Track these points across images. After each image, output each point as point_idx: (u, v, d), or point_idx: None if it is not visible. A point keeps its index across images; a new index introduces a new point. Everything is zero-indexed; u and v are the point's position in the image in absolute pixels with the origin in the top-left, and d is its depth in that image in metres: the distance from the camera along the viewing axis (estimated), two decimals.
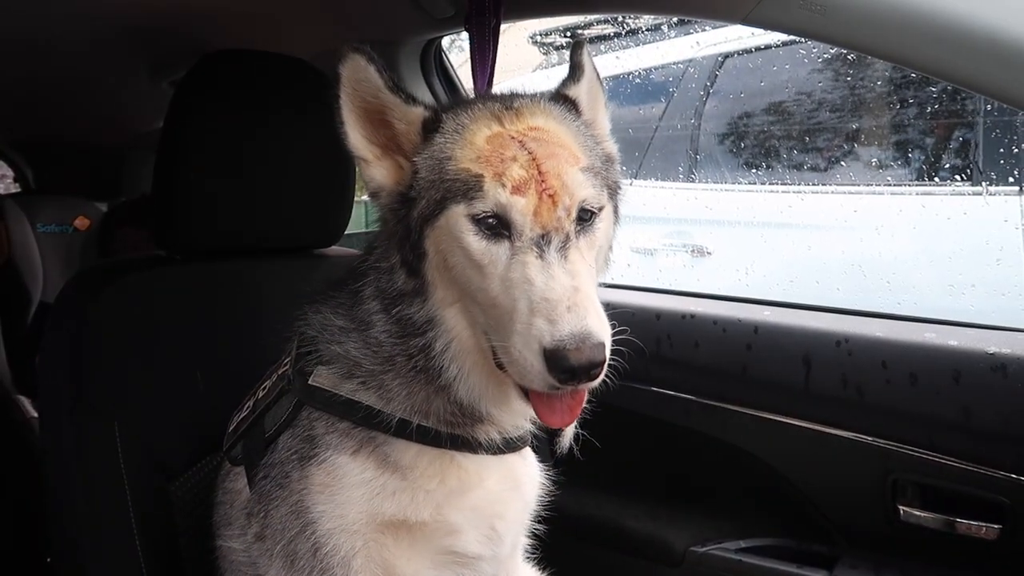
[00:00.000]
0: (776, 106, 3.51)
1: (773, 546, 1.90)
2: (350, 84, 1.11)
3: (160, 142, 1.59)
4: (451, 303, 1.11)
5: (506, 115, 1.11)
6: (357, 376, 1.17)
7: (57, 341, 1.56)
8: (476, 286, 1.06)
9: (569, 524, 2.04)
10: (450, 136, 1.11)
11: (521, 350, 0.98)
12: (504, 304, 1.02)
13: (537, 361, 0.96)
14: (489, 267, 1.04)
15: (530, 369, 0.98)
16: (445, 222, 1.07)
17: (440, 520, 1.17)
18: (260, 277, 1.70)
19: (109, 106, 3.28)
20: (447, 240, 1.07)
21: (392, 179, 1.16)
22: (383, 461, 1.16)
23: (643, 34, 3.73)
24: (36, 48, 2.48)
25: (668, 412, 2.02)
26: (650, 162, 3.71)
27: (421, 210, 1.10)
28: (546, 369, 0.96)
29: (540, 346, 0.96)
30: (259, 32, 2.21)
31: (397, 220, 1.14)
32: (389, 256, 1.16)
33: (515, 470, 1.28)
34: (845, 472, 1.77)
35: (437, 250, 1.09)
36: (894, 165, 3.21)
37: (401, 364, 1.15)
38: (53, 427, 1.53)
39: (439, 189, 1.08)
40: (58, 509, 1.50)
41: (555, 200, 1.03)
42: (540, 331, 0.96)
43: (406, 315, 1.13)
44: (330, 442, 1.16)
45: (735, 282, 2.96)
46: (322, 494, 1.14)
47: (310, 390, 1.20)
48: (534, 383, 1.00)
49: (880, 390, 1.71)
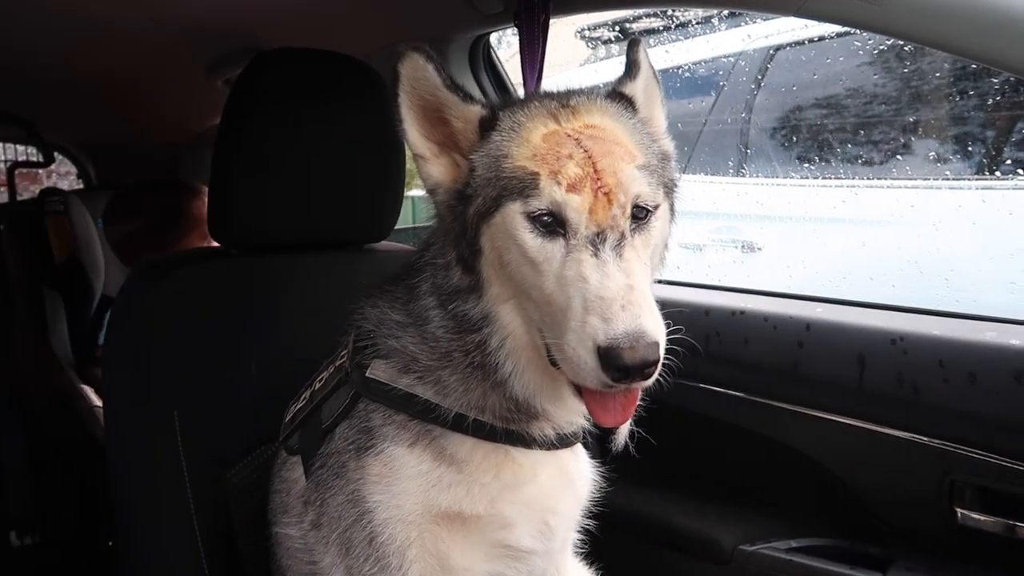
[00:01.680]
0: (829, 99, 3.44)
1: (824, 546, 1.87)
2: (408, 82, 1.12)
3: (216, 139, 1.63)
4: (506, 300, 1.12)
5: (562, 113, 1.11)
6: (414, 371, 1.18)
7: (119, 333, 1.62)
8: (531, 283, 1.06)
9: (616, 520, 2.04)
10: (507, 134, 1.12)
11: (575, 348, 0.98)
12: (558, 302, 1.02)
13: (591, 359, 0.97)
14: (544, 264, 1.04)
15: (584, 367, 0.98)
16: (501, 219, 1.08)
17: (494, 513, 1.18)
18: (312, 271, 1.73)
19: (167, 105, 3.38)
20: (502, 237, 1.08)
21: (449, 176, 1.17)
22: (439, 454, 1.17)
23: (693, 27, 3.69)
24: (99, 51, 2.57)
25: (716, 409, 2.00)
26: (699, 156, 3.67)
27: (477, 207, 1.11)
28: (600, 367, 0.96)
29: (594, 344, 0.96)
30: (312, 31, 2.25)
31: (454, 217, 1.15)
32: (445, 253, 1.17)
33: (567, 466, 1.29)
34: (900, 472, 1.73)
35: (492, 247, 1.10)
36: (953, 159, 3.12)
37: (458, 360, 1.16)
38: (116, 416, 1.59)
39: (495, 187, 1.09)
40: (120, 496, 1.55)
41: (610, 198, 1.04)
42: (594, 329, 0.96)
43: (462, 311, 1.14)
44: (387, 434, 1.18)
45: (786, 278, 2.92)
46: (378, 484, 1.16)
47: (367, 383, 1.22)
48: (587, 381, 1.00)
49: (937, 389, 1.66)
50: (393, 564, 1.15)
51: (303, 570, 1.29)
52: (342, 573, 1.20)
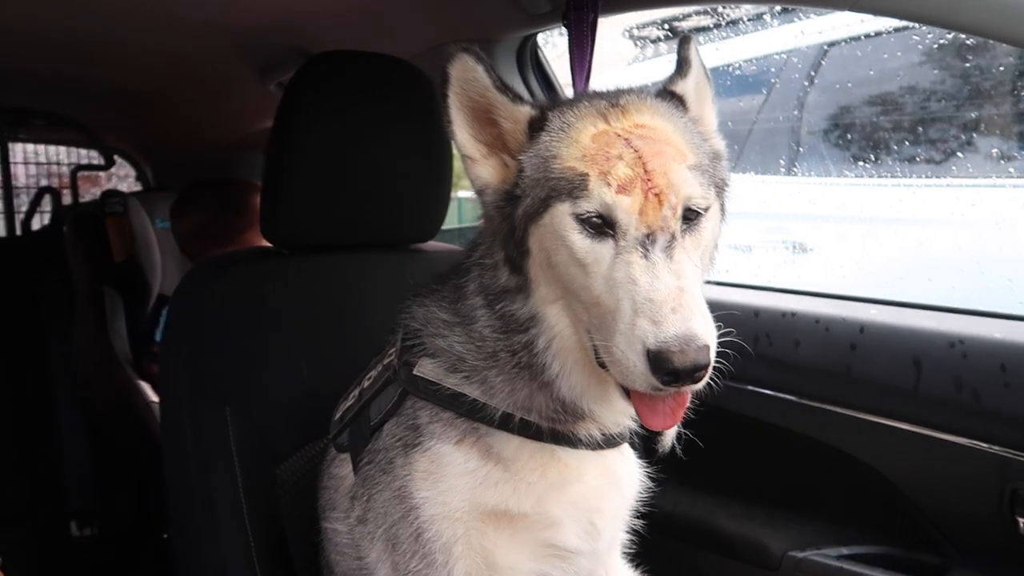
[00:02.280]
0: (885, 96, 3.35)
1: (877, 554, 1.82)
2: (458, 83, 1.13)
3: (269, 141, 1.66)
4: (553, 301, 1.11)
5: (612, 112, 1.10)
6: (461, 370, 1.19)
7: (175, 331, 1.67)
8: (579, 284, 1.05)
9: (664, 523, 2.02)
10: (556, 134, 1.11)
11: (624, 350, 0.97)
12: (607, 303, 1.01)
13: (640, 362, 0.96)
14: (593, 266, 1.03)
15: (633, 370, 0.97)
16: (550, 220, 1.07)
17: (540, 512, 1.18)
18: (361, 270, 1.76)
19: (221, 109, 3.46)
20: (551, 238, 1.07)
21: (498, 177, 1.17)
22: (486, 452, 1.18)
23: (744, 24, 3.63)
24: (155, 59, 2.64)
25: (766, 412, 1.96)
26: (749, 155, 3.61)
27: (526, 208, 1.10)
28: (649, 370, 0.95)
29: (644, 347, 0.95)
30: (361, 34, 2.28)
31: (503, 218, 1.15)
32: (493, 253, 1.17)
33: (614, 466, 1.28)
34: (958, 480, 1.68)
35: (541, 248, 1.09)
36: (1018, 156, 3.02)
37: (504, 360, 1.16)
38: (171, 411, 1.63)
39: (544, 187, 1.08)
40: (175, 489, 1.60)
41: (661, 199, 1.02)
42: (644, 332, 0.95)
43: (509, 311, 1.14)
44: (434, 431, 1.19)
45: (838, 279, 2.85)
46: (425, 481, 1.17)
47: (415, 380, 1.22)
48: (636, 384, 0.99)
49: (998, 395, 1.61)
50: (439, 560, 1.16)
51: (350, 565, 1.30)
52: (388, 568, 1.21)
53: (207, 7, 2.14)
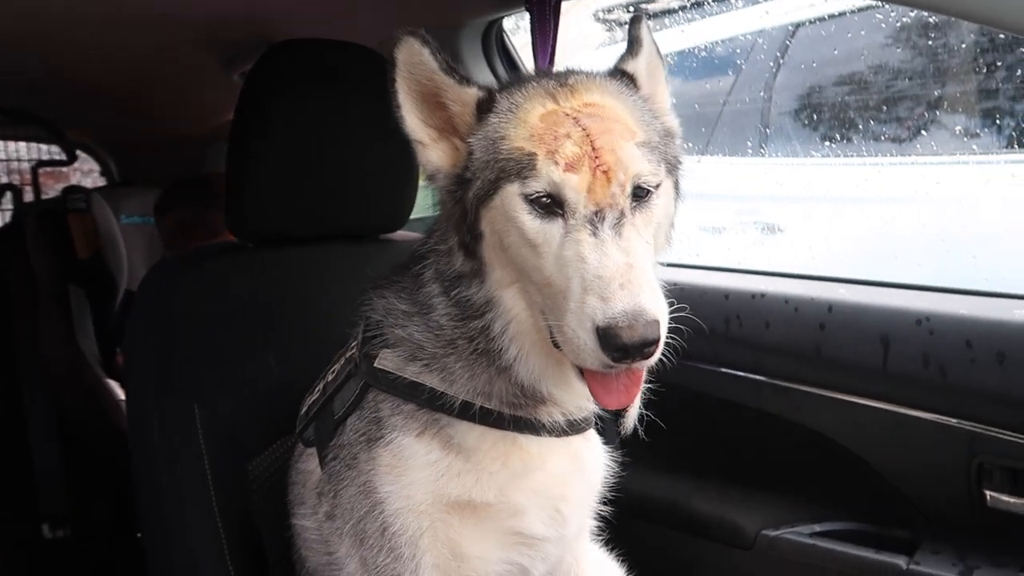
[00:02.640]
0: (851, 76, 3.37)
1: (849, 530, 1.84)
2: (405, 68, 1.12)
3: (231, 132, 1.63)
4: (508, 284, 1.11)
5: (560, 92, 1.10)
6: (420, 359, 1.18)
7: (141, 328, 1.64)
8: (531, 265, 1.05)
9: (638, 505, 2.03)
10: (504, 115, 1.11)
11: (575, 329, 0.98)
12: (558, 283, 1.01)
13: (590, 339, 0.96)
14: (543, 246, 1.03)
15: (583, 348, 0.97)
16: (500, 202, 1.07)
17: (504, 501, 1.18)
18: (329, 262, 1.74)
19: (184, 100, 3.39)
20: (502, 220, 1.07)
21: (449, 161, 1.16)
22: (447, 443, 1.17)
23: (709, 6, 3.63)
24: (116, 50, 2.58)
25: (738, 393, 1.98)
26: (718, 138, 3.62)
27: (476, 191, 1.10)
28: (599, 348, 0.95)
29: (593, 324, 0.95)
30: (325, 21, 2.25)
31: (455, 202, 1.15)
32: (447, 238, 1.17)
33: (579, 452, 1.28)
34: (927, 455, 1.70)
35: (493, 230, 1.09)
36: (981, 133, 3.05)
37: (463, 347, 1.16)
38: (138, 410, 1.61)
39: (493, 169, 1.08)
40: (145, 487, 1.58)
41: (609, 176, 1.02)
42: (593, 309, 0.95)
43: (465, 297, 1.14)
44: (395, 424, 1.18)
45: (808, 259, 2.87)
46: (389, 475, 1.17)
47: (375, 373, 1.22)
48: (588, 362, 0.99)
49: (965, 370, 1.63)
50: (406, 554, 1.16)
51: (320, 561, 1.30)
52: (357, 563, 1.21)
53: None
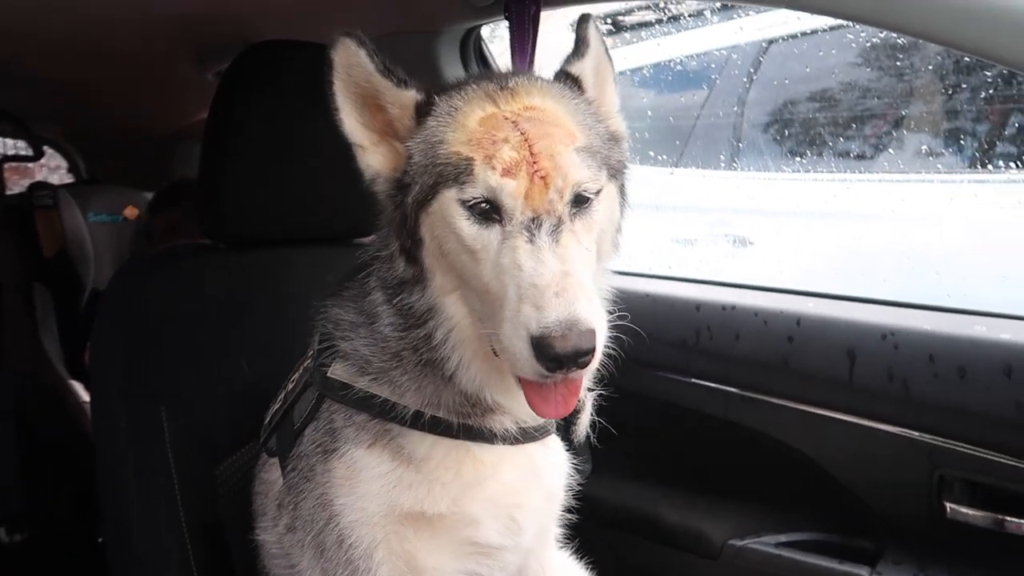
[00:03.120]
0: (822, 93, 3.43)
1: (814, 541, 1.87)
2: (343, 69, 1.09)
3: (205, 132, 1.62)
4: (450, 291, 1.09)
5: (501, 95, 1.08)
6: (369, 372, 1.16)
7: (107, 328, 1.61)
8: (470, 272, 1.04)
9: (607, 514, 2.04)
10: (442, 119, 1.09)
11: (510, 337, 0.96)
12: (495, 290, 1.00)
13: (525, 348, 0.94)
14: (481, 253, 1.02)
15: (519, 356, 0.95)
16: (438, 207, 1.05)
17: (457, 512, 1.16)
18: (302, 265, 1.72)
19: (157, 98, 3.35)
20: (441, 225, 1.05)
21: (389, 165, 1.14)
22: (398, 454, 1.15)
23: (685, 20, 3.67)
24: (88, 45, 2.54)
25: (707, 404, 2.00)
26: (691, 150, 3.66)
27: (415, 195, 1.08)
28: (534, 357, 0.93)
29: (527, 333, 0.93)
30: (301, 24, 2.24)
31: (395, 207, 1.13)
32: (389, 244, 1.15)
33: (535, 460, 1.26)
34: (890, 467, 1.74)
35: (432, 236, 1.07)
36: (945, 152, 3.12)
37: (408, 358, 1.14)
38: (104, 411, 1.58)
39: (431, 174, 1.06)
40: (109, 491, 1.55)
41: (547, 182, 1.01)
42: (527, 318, 0.94)
43: (407, 304, 1.11)
44: (348, 435, 1.17)
45: (778, 273, 2.91)
46: (343, 487, 1.15)
47: (328, 383, 1.20)
48: (524, 371, 0.97)
49: (927, 384, 1.66)
50: (362, 567, 1.14)
51: (283, 574, 1.28)
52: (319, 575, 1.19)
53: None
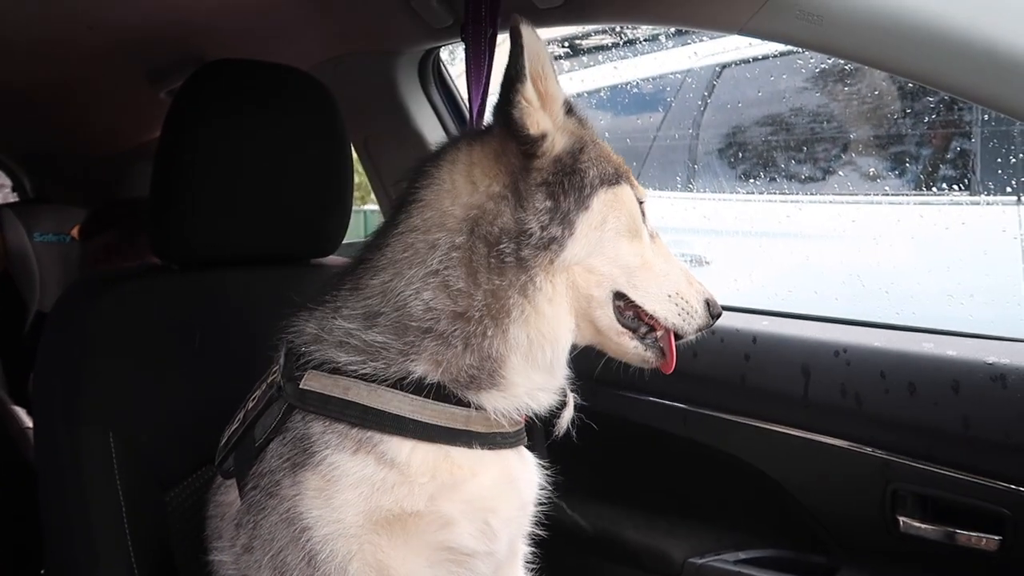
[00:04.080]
0: (773, 116, 3.52)
1: (772, 557, 1.89)
2: (528, 41, 1.19)
3: (157, 151, 1.58)
4: (577, 261, 1.23)
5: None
6: (364, 369, 1.18)
7: (52, 351, 1.56)
8: (629, 250, 1.27)
9: (567, 534, 2.03)
10: (589, 130, 1.32)
11: (689, 300, 1.30)
12: (658, 267, 1.30)
13: (701, 307, 1.32)
14: (643, 239, 1.30)
15: (694, 315, 1.30)
16: (623, 192, 1.28)
17: (433, 511, 1.16)
18: (256, 287, 1.69)
19: (108, 116, 3.29)
20: (618, 206, 1.26)
21: (555, 132, 1.26)
22: (380, 459, 1.16)
23: (640, 44, 3.74)
24: (35, 59, 2.48)
25: (666, 422, 2.01)
26: (648, 171, 3.71)
27: (601, 173, 1.26)
28: (706, 313, 1.32)
29: (704, 297, 1.33)
30: (258, 43, 2.22)
31: (564, 173, 1.24)
32: (537, 202, 1.21)
33: (511, 467, 1.28)
34: (844, 482, 1.77)
35: (601, 210, 1.24)
36: (892, 175, 3.21)
37: (444, 327, 1.18)
38: (47, 438, 1.52)
39: (610, 165, 1.28)
40: (52, 521, 1.49)
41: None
42: (700, 287, 1.34)
43: (516, 254, 1.19)
44: (329, 442, 1.16)
45: (733, 292, 2.96)
46: (317, 499, 1.13)
47: (303, 394, 1.19)
48: (691, 325, 1.31)
49: (879, 400, 1.70)
50: None
51: None
52: None
53: (91, 2, 2.03)
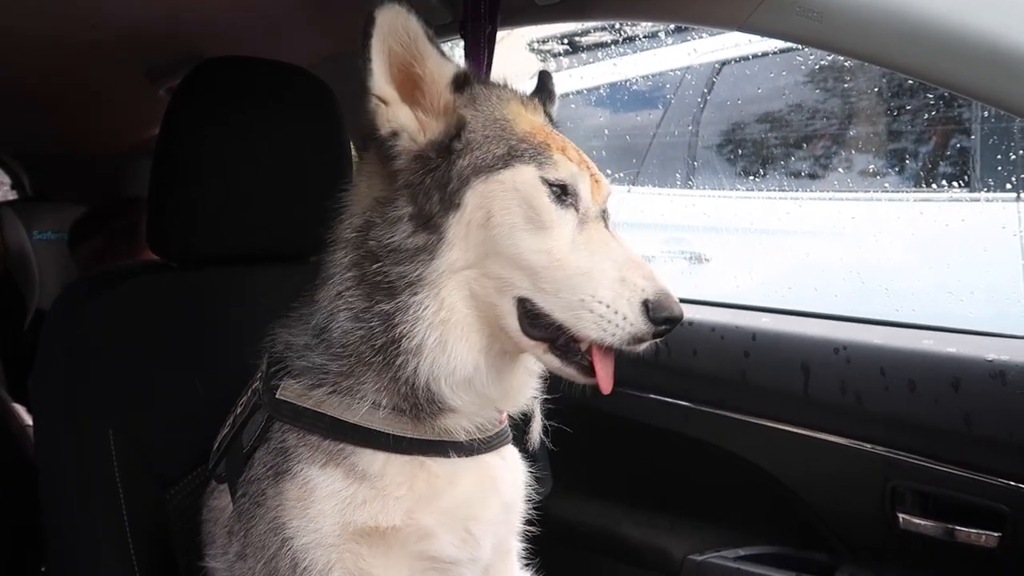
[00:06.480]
0: (773, 113, 3.52)
1: (772, 554, 1.89)
2: (386, 28, 1.09)
3: (156, 149, 1.58)
4: (461, 267, 1.09)
5: (527, 104, 1.19)
6: (324, 384, 1.15)
7: (51, 349, 1.55)
8: (530, 247, 1.08)
9: (568, 531, 2.03)
10: (496, 102, 1.16)
11: (612, 304, 1.04)
12: (576, 264, 1.07)
13: (632, 313, 1.04)
14: (556, 229, 1.08)
15: (620, 323, 1.04)
16: (510, 177, 1.09)
17: (412, 524, 1.15)
18: (256, 284, 1.69)
19: (106, 114, 3.28)
20: (506, 195, 1.09)
21: (414, 126, 1.14)
22: (351, 471, 1.14)
23: (640, 41, 3.73)
24: (35, 55, 2.48)
25: (667, 419, 2.01)
26: (648, 169, 3.71)
27: (475, 161, 1.10)
28: (644, 320, 1.04)
29: (641, 299, 1.04)
30: (257, 40, 2.21)
31: (425, 169, 1.12)
32: (395, 207, 1.12)
33: (492, 471, 1.25)
34: (844, 479, 1.77)
35: (480, 204, 1.08)
36: (891, 172, 3.22)
37: (365, 353, 1.12)
38: (47, 435, 1.52)
39: (502, 145, 1.11)
40: (53, 519, 1.49)
41: (600, 186, 1.14)
42: (640, 287, 1.05)
43: (386, 274, 1.10)
44: (301, 455, 1.15)
45: (733, 289, 2.96)
46: (296, 509, 1.13)
47: (278, 404, 1.19)
48: (617, 336, 1.05)
49: (879, 397, 1.70)
50: None
51: None
52: None
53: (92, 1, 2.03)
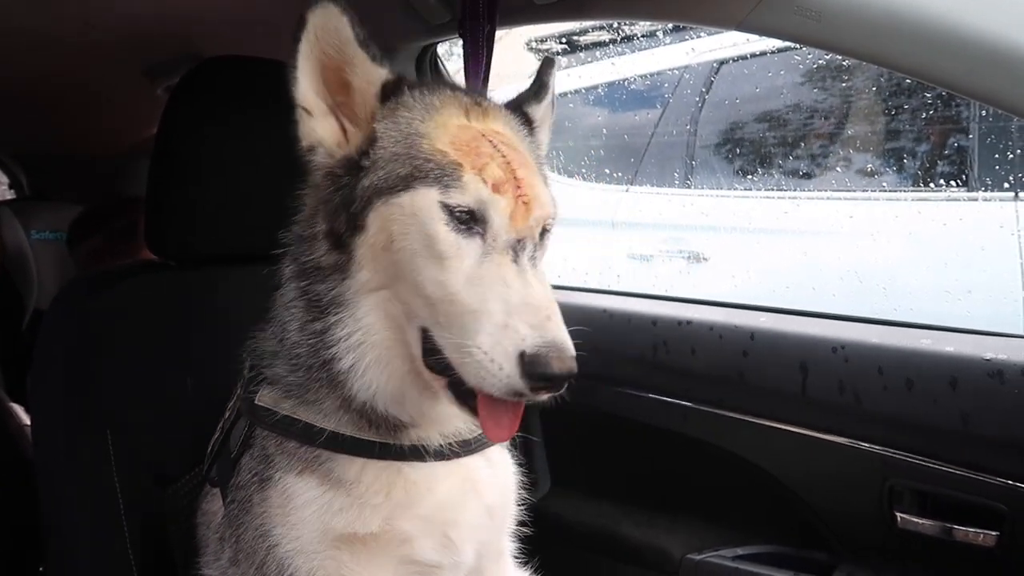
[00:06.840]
0: (771, 112, 3.52)
1: (770, 553, 1.89)
2: (316, 31, 1.04)
3: (154, 148, 1.58)
4: (374, 288, 1.04)
5: (473, 110, 1.08)
6: (292, 395, 1.14)
7: (49, 348, 1.55)
8: (428, 276, 0.99)
9: (567, 531, 2.03)
10: (420, 112, 1.06)
11: (489, 351, 0.93)
12: (467, 301, 0.96)
13: (508, 364, 0.92)
14: (454, 261, 0.98)
15: (496, 373, 0.93)
16: (409, 201, 1.00)
17: (390, 530, 1.13)
18: (254, 283, 1.68)
19: (105, 113, 3.27)
20: (404, 220, 1.00)
21: (333, 140, 1.09)
22: (326, 478, 1.12)
23: (638, 40, 3.73)
24: (33, 55, 2.48)
25: (665, 419, 2.01)
26: (646, 168, 3.72)
27: (377, 182, 1.02)
28: (519, 373, 0.92)
29: (517, 350, 0.92)
30: (255, 39, 2.21)
31: (335, 187, 1.07)
32: (314, 223, 1.09)
33: (473, 475, 1.21)
34: (842, 478, 1.77)
35: (383, 228, 1.02)
36: (889, 171, 3.22)
37: (313, 366, 1.10)
38: (45, 435, 1.52)
39: (406, 164, 1.02)
40: (51, 518, 1.49)
41: (529, 208, 1.01)
42: (521, 335, 0.92)
43: (314, 292, 1.07)
44: (280, 463, 1.14)
45: (731, 288, 2.96)
46: (278, 516, 1.13)
47: (256, 410, 1.18)
48: (495, 387, 0.94)
49: (877, 396, 1.70)
50: None
51: None
52: None
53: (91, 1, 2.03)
